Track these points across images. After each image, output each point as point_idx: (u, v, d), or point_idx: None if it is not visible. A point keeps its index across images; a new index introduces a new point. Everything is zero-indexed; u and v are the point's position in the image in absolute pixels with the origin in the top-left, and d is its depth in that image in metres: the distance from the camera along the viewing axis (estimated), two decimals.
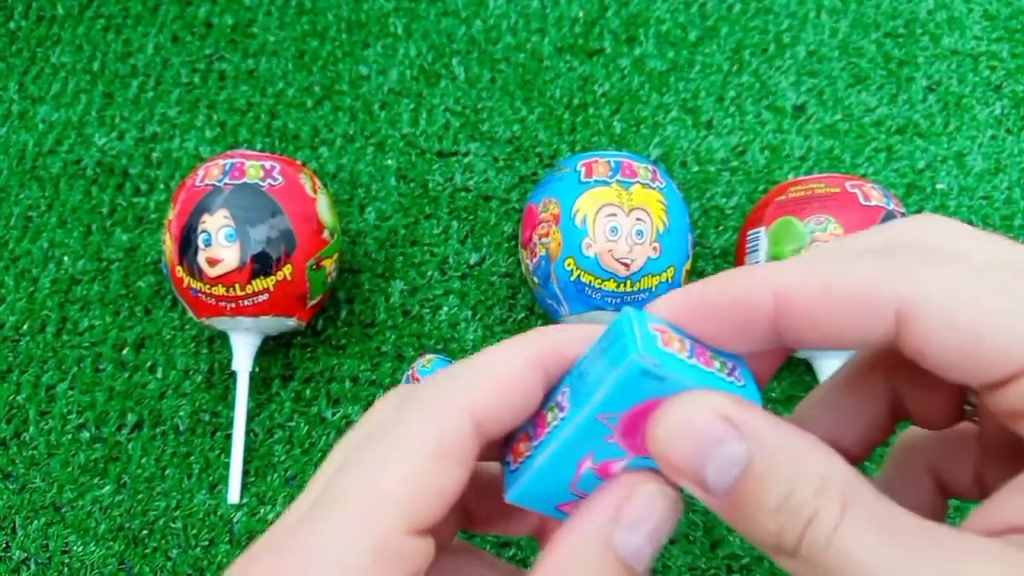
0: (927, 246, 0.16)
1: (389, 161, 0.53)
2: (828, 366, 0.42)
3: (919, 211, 0.51)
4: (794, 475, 0.15)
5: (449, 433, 0.17)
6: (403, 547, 0.16)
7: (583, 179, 0.42)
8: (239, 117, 0.55)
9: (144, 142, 0.54)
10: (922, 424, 0.20)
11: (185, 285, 0.41)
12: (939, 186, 0.52)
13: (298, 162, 0.44)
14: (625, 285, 0.41)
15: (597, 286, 0.41)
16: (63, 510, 0.43)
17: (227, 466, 0.43)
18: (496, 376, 0.18)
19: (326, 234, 0.43)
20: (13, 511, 0.43)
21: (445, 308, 0.48)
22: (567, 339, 0.19)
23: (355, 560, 0.16)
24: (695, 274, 0.49)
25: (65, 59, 0.57)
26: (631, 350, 0.16)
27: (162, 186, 0.52)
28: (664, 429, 0.16)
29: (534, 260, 0.43)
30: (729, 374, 0.17)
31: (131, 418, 0.45)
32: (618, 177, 0.42)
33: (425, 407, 0.18)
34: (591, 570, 0.17)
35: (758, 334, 0.17)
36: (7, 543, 0.42)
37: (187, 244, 0.41)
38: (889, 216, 0.41)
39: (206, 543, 0.42)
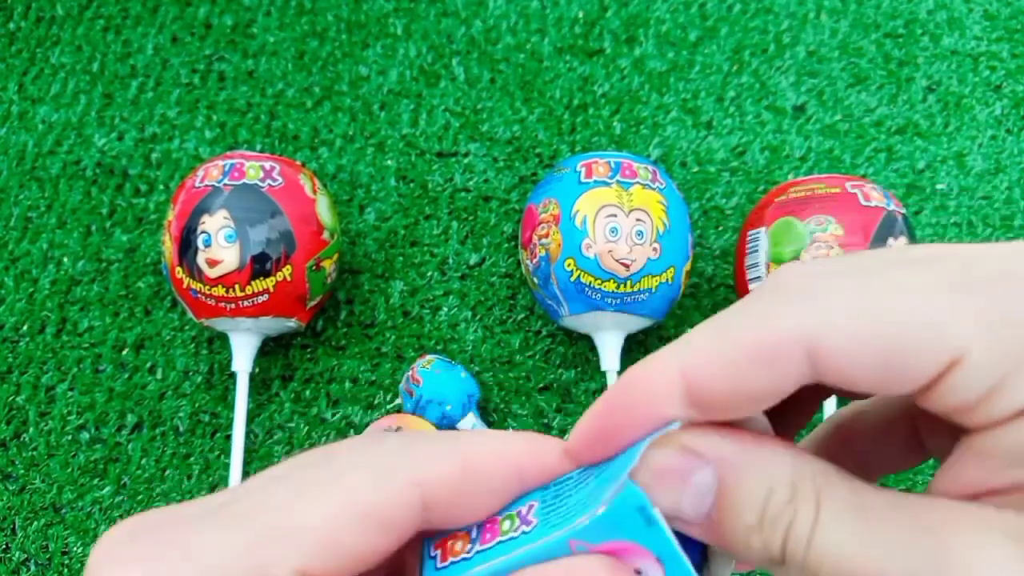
0: (791, 288, 0.16)
1: (389, 162, 0.53)
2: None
3: (919, 211, 0.51)
4: (765, 487, 0.15)
5: (390, 498, 0.16)
6: None
7: (583, 180, 0.42)
8: (239, 118, 0.55)
9: (144, 143, 0.54)
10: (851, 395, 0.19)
11: (185, 286, 0.41)
12: (939, 186, 0.52)
13: (298, 163, 0.44)
14: (625, 286, 0.41)
15: (597, 286, 0.41)
16: (63, 511, 0.43)
17: (227, 467, 0.43)
18: (474, 461, 0.17)
19: (326, 235, 0.43)
20: (13, 512, 0.43)
21: (445, 308, 0.48)
22: (556, 453, 0.18)
23: None
24: (695, 274, 0.49)
25: (65, 60, 0.57)
26: (632, 485, 0.16)
27: (162, 187, 0.52)
28: (639, 478, 0.16)
29: (534, 260, 0.43)
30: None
31: (131, 419, 0.45)
32: (618, 178, 0.42)
33: (379, 461, 0.17)
34: None
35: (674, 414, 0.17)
36: (7, 544, 0.42)
37: (187, 245, 0.41)
38: (889, 216, 0.41)
39: None
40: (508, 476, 0.17)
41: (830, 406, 0.40)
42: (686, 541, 0.17)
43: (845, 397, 0.18)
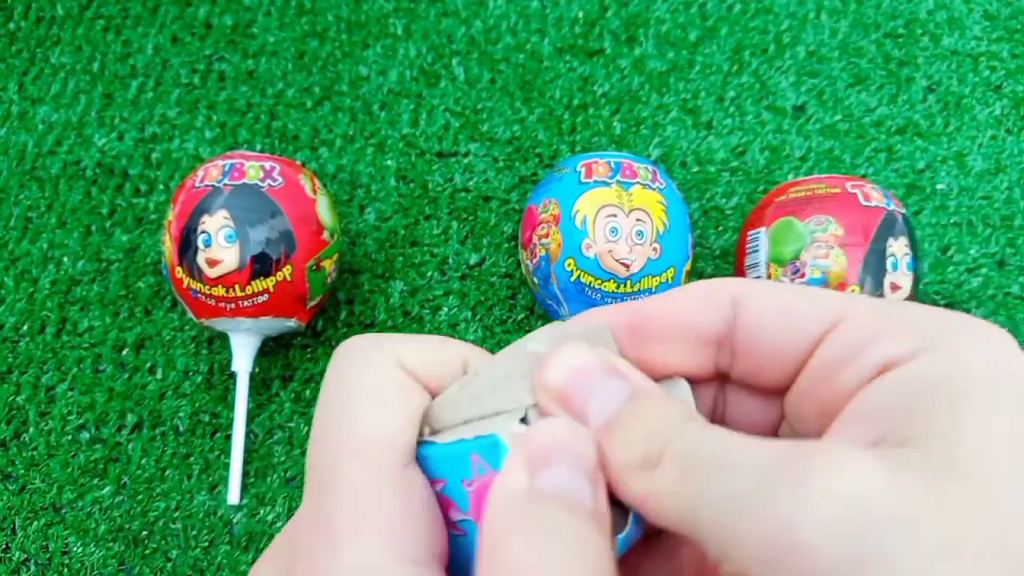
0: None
1: (389, 162, 0.53)
2: None
3: (919, 211, 0.51)
4: (668, 409, 0.17)
5: (396, 378, 0.18)
6: (406, 481, 0.17)
7: (583, 180, 0.42)
8: (239, 118, 0.55)
9: (144, 143, 0.54)
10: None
11: (185, 286, 0.41)
12: (939, 186, 0.52)
13: (298, 163, 0.44)
14: (625, 286, 0.41)
15: (597, 287, 0.41)
16: (63, 511, 0.43)
17: (227, 467, 0.43)
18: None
19: (326, 235, 0.43)
20: (13, 512, 0.43)
21: (445, 309, 0.48)
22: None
23: (383, 517, 0.16)
24: (695, 274, 0.49)
25: (65, 60, 0.57)
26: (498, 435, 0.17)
27: (162, 187, 0.52)
28: (556, 367, 0.18)
29: (534, 260, 0.43)
30: None
31: (131, 419, 0.45)
32: (618, 178, 0.42)
33: (369, 362, 0.19)
34: (531, 531, 0.15)
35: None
36: (7, 544, 0.42)
37: (187, 245, 0.41)
38: (890, 216, 0.41)
39: (206, 544, 0.42)
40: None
41: None
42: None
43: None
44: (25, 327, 0.48)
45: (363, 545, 0.16)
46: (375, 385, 0.18)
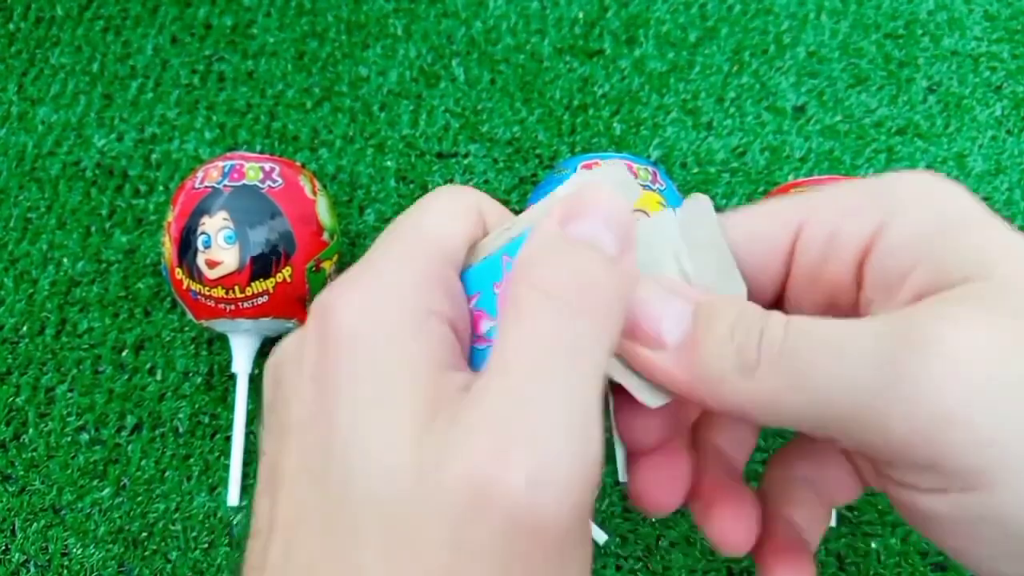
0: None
1: (389, 162, 0.53)
2: None
3: None
4: (737, 307, 0.18)
5: (470, 209, 0.20)
6: (452, 276, 0.19)
7: None
8: (238, 118, 0.54)
9: (143, 143, 0.54)
10: None
11: (184, 287, 0.41)
12: None
13: (298, 164, 0.44)
14: None
15: None
16: (62, 512, 0.43)
17: (227, 468, 0.43)
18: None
19: (326, 236, 0.43)
20: (12, 513, 0.43)
21: None
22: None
23: (424, 277, 0.18)
24: None
25: (64, 60, 0.57)
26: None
27: (161, 188, 0.52)
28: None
29: None
30: None
31: (130, 420, 0.45)
32: None
33: (449, 193, 0.21)
34: (557, 259, 0.16)
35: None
36: (6, 545, 0.42)
37: (186, 246, 0.41)
38: None
39: (206, 545, 0.42)
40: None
41: None
42: None
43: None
44: (24, 328, 0.48)
45: (398, 292, 0.17)
46: (450, 201, 0.20)
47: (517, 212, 0.20)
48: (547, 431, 0.15)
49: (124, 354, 0.47)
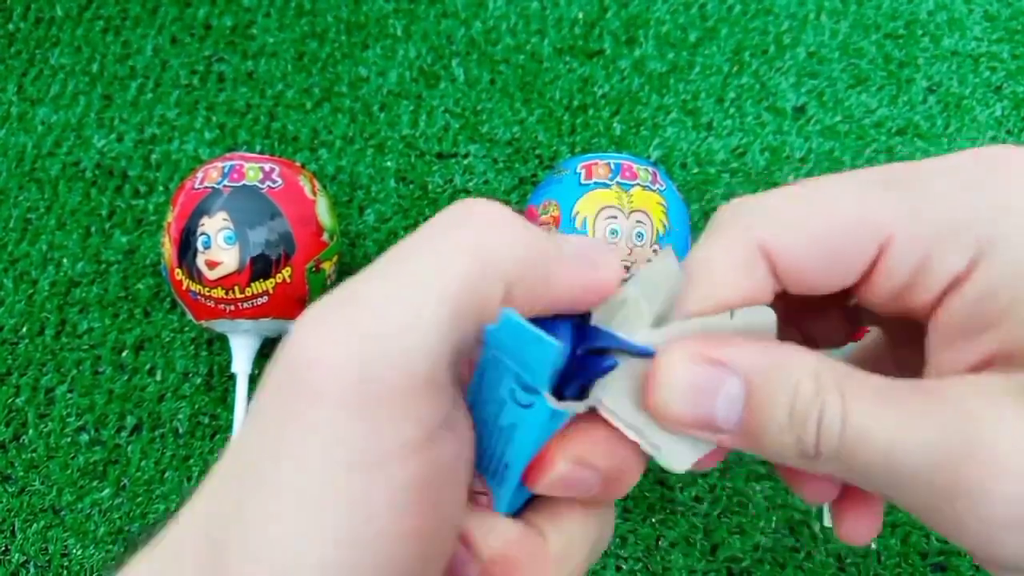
0: (746, 210, 0.18)
1: (388, 163, 0.53)
2: None
3: None
4: (791, 386, 0.16)
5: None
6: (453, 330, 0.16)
7: (583, 181, 0.42)
8: (238, 119, 0.54)
9: (143, 144, 0.54)
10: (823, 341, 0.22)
11: (184, 288, 0.41)
12: None
13: (297, 164, 0.44)
14: None
15: None
16: (62, 513, 0.43)
17: None
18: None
19: (325, 236, 0.43)
20: (12, 514, 0.43)
21: None
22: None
23: (426, 300, 0.16)
24: None
25: (64, 61, 0.57)
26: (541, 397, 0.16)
27: (161, 188, 0.52)
28: (662, 394, 0.17)
29: None
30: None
31: (130, 421, 0.45)
32: (618, 179, 0.42)
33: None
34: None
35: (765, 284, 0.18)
36: (6, 546, 0.42)
37: (186, 246, 0.41)
38: None
39: None
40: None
41: None
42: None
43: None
44: (24, 329, 0.48)
45: (378, 347, 0.16)
46: (433, 271, 0.16)
47: (517, 212, 0.18)
48: (365, 294, 0.16)
49: (124, 355, 0.47)
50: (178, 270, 0.41)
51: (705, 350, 0.17)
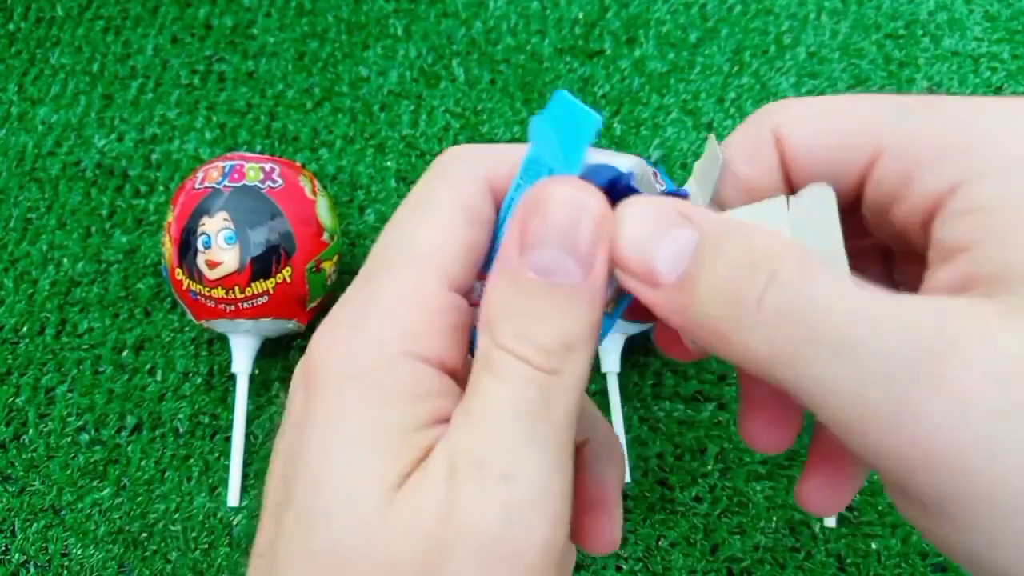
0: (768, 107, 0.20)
1: (389, 163, 0.53)
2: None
3: None
4: (746, 246, 0.16)
5: (472, 199, 0.19)
6: (444, 300, 0.18)
7: None
8: (239, 119, 0.54)
9: (144, 144, 0.54)
10: None
11: (184, 287, 0.41)
12: None
13: (298, 164, 0.44)
14: None
15: None
16: (62, 513, 0.43)
17: (227, 469, 0.43)
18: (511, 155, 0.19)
19: (326, 236, 0.43)
20: (12, 514, 0.43)
21: None
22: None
23: (408, 315, 0.17)
24: None
25: (64, 60, 0.57)
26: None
27: (161, 188, 0.52)
28: (620, 225, 0.17)
29: None
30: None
31: (130, 420, 0.45)
32: None
33: (450, 178, 0.19)
34: (518, 301, 0.16)
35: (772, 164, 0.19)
36: (6, 546, 0.42)
37: (186, 246, 0.41)
38: None
39: (206, 546, 0.42)
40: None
41: None
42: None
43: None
44: (25, 328, 0.48)
45: (377, 335, 0.17)
46: (445, 204, 0.18)
47: None
48: (517, 470, 0.15)
49: (124, 354, 0.47)
50: (178, 270, 0.41)
51: (680, 204, 0.17)
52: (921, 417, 0.13)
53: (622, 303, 0.20)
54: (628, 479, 0.41)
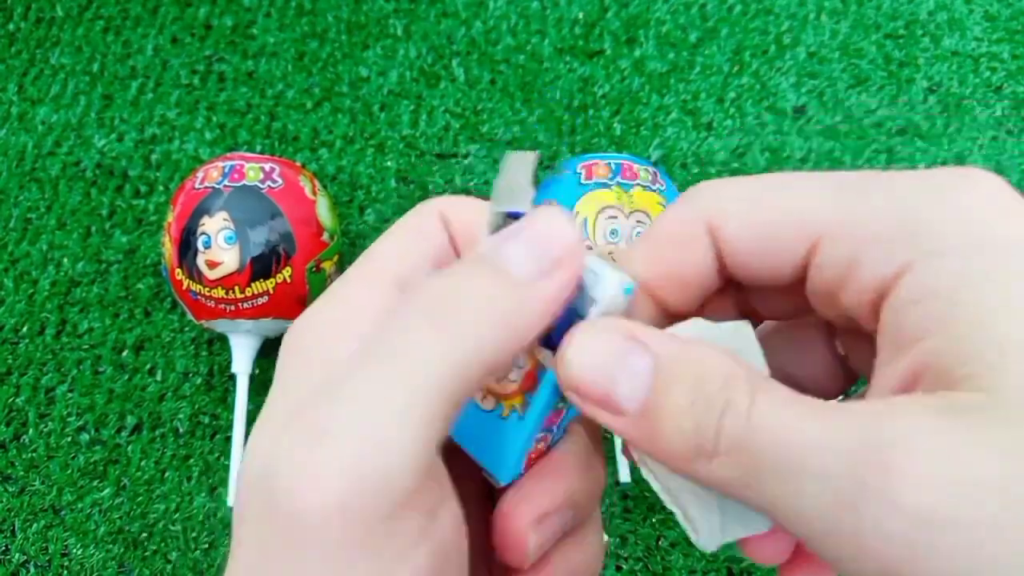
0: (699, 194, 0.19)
1: (389, 163, 0.53)
2: None
3: None
4: (701, 373, 0.16)
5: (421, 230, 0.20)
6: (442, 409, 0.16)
7: (583, 181, 0.42)
8: (239, 119, 0.54)
9: (143, 144, 0.54)
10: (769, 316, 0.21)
11: (185, 287, 0.41)
12: None
13: (298, 164, 0.44)
14: None
15: None
16: (62, 513, 0.43)
17: (227, 469, 0.43)
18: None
19: (326, 236, 0.43)
20: (13, 514, 0.43)
21: None
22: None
23: (400, 407, 0.15)
24: None
25: (64, 61, 0.57)
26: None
27: (161, 188, 0.52)
28: (573, 353, 0.17)
29: None
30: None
31: (130, 420, 0.45)
32: (618, 179, 0.42)
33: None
34: (454, 275, 0.17)
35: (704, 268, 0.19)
36: (7, 546, 0.42)
37: (186, 246, 0.41)
38: None
39: (206, 546, 0.42)
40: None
41: None
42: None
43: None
44: (25, 328, 0.48)
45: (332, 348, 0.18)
46: (402, 229, 0.20)
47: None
48: (339, 426, 0.15)
49: (124, 354, 0.47)
50: (178, 270, 0.41)
51: (629, 327, 0.17)
52: (871, 531, 0.14)
53: (565, 417, 0.20)
54: (628, 479, 0.41)
